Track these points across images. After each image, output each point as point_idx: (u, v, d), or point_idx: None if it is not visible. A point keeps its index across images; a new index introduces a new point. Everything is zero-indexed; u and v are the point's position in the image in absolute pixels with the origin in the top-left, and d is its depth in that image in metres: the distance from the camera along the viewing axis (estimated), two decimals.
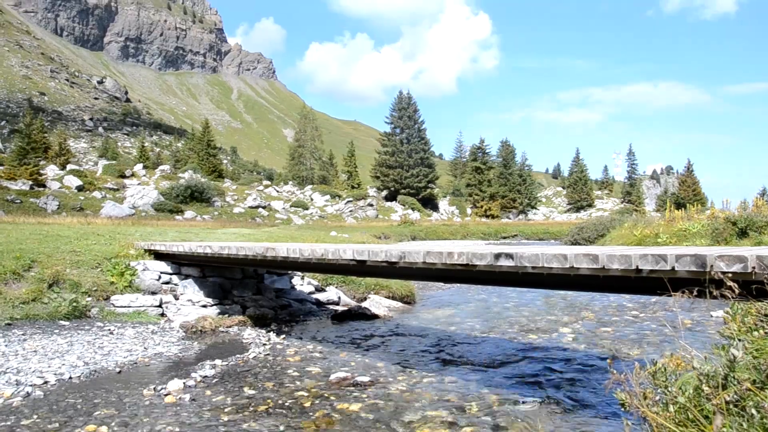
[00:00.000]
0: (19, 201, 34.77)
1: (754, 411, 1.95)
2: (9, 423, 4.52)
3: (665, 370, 2.49)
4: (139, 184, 49.37)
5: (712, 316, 8.91)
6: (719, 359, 2.33)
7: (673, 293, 2.78)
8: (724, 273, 2.91)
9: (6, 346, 6.86)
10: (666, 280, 3.08)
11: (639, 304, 10.66)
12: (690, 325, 8.19)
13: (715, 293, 2.50)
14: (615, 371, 2.46)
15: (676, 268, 3.20)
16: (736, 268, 2.94)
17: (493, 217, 67.44)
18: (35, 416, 4.68)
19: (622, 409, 2.47)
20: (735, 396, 2.06)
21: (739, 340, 2.29)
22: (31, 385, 5.49)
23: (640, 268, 3.36)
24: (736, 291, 2.42)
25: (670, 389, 2.34)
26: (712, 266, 3.03)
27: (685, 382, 2.36)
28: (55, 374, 5.88)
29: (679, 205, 39.26)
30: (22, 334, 7.44)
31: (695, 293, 2.78)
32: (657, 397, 2.36)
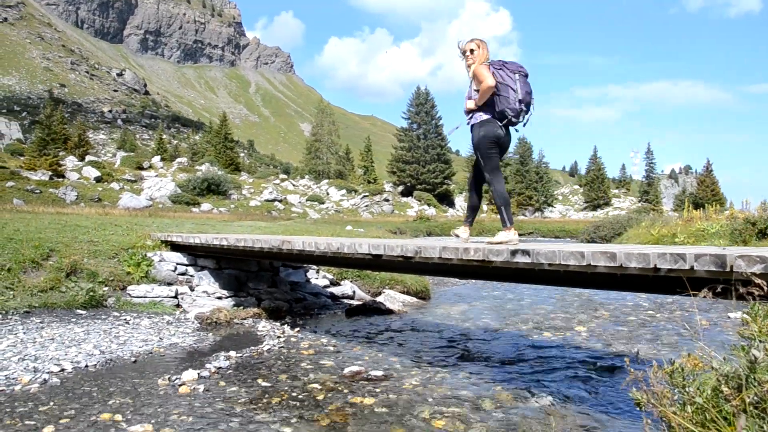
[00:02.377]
0: (38, 191, 35.14)
1: None
2: (27, 409, 4.57)
3: (683, 370, 2.46)
4: (156, 176, 49.71)
5: (729, 317, 8.82)
6: (738, 360, 2.30)
7: (692, 292, 2.74)
8: (746, 273, 2.87)
9: (24, 333, 6.93)
10: (685, 279, 3.04)
11: (655, 303, 10.57)
12: (707, 326, 8.11)
13: (741, 291, 2.46)
14: (632, 370, 2.43)
15: (695, 268, 3.16)
16: (757, 268, 2.90)
17: None
18: (52, 403, 4.73)
19: (638, 408, 2.45)
20: (755, 398, 2.03)
21: (761, 341, 2.25)
22: (48, 373, 5.54)
23: (658, 266, 3.32)
24: (765, 290, 2.38)
25: (687, 389, 2.31)
26: (732, 266, 2.99)
27: (703, 383, 2.33)
28: (71, 362, 5.94)
29: (698, 205, 38.87)
30: (40, 322, 7.52)
31: (719, 291, 2.74)
32: (674, 397, 2.33)
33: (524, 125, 5.36)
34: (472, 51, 5.43)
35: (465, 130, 5.53)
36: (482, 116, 5.31)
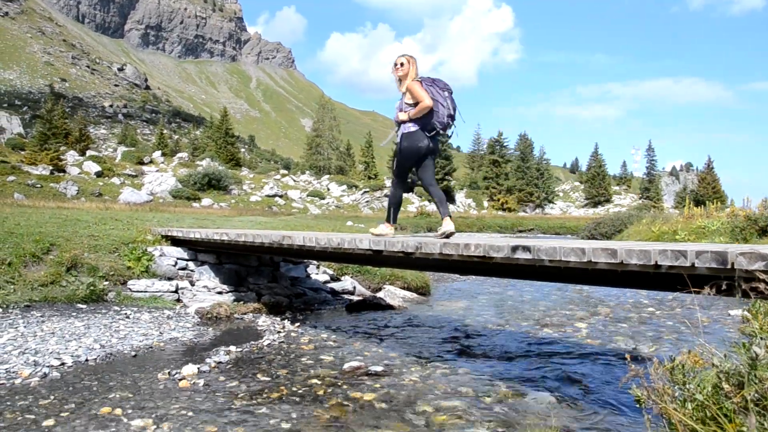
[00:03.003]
0: (39, 186, 35.16)
1: None
2: (27, 403, 4.57)
3: (683, 367, 2.45)
4: (157, 171, 49.73)
5: (730, 314, 8.82)
6: (739, 357, 2.30)
7: (693, 289, 2.74)
8: (747, 270, 2.87)
9: (25, 327, 6.94)
10: (686, 276, 3.03)
11: (656, 300, 10.57)
12: (708, 323, 8.11)
13: (744, 287, 2.46)
14: (632, 366, 2.43)
15: (696, 265, 3.15)
16: (758, 265, 2.89)
17: (509, 210, 67.16)
18: (52, 397, 4.73)
19: (637, 405, 2.45)
20: (756, 395, 2.03)
21: (762, 338, 2.25)
22: (48, 366, 5.55)
23: (659, 263, 3.31)
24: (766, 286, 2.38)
25: (688, 386, 2.31)
26: (733, 263, 2.99)
27: (704, 380, 2.32)
28: (72, 356, 5.95)
29: (699, 203, 38.86)
30: (41, 316, 7.53)
31: (724, 288, 2.74)
32: (675, 394, 2.33)
33: (449, 137, 6.10)
34: (402, 64, 6.01)
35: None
36: (410, 128, 5.85)
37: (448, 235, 5.51)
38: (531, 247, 4.00)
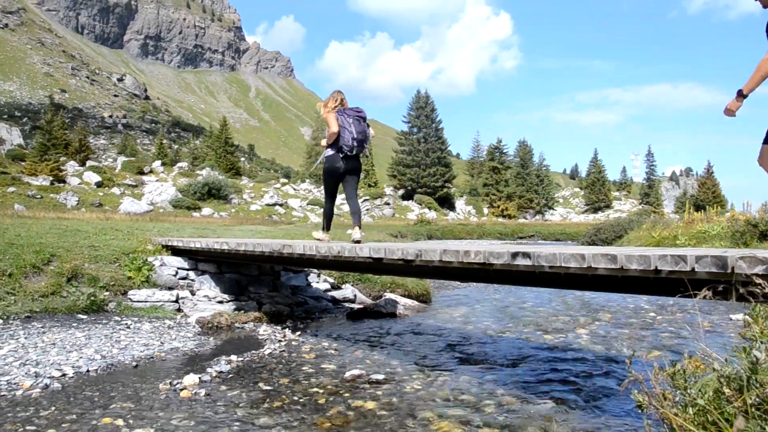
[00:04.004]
0: (39, 196, 35.18)
1: None
2: (28, 414, 4.57)
3: (684, 371, 2.46)
4: (157, 180, 49.76)
5: (731, 319, 8.81)
6: (740, 362, 2.30)
7: (694, 293, 2.74)
8: (747, 274, 2.87)
9: (26, 338, 6.93)
10: (686, 281, 3.04)
11: (657, 305, 10.55)
12: (709, 328, 8.10)
13: (741, 291, 2.46)
14: (633, 371, 2.43)
15: (696, 269, 3.16)
16: (758, 269, 2.90)
17: (509, 217, 67.17)
18: (53, 408, 4.73)
19: (639, 411, 2.45)
20: (757, 399, 2.03)
21: (762, 342, 2.25)
22: (49, 377, 5.54)
23: (659, 268, 3.32)
24: (765, 290, 2.38)
25: (689, 391, 2.31)
26: (733, 267, 2.99)
27: (705, 385, 2.32)
28: (73, 367, 5.94)
29: (699, 207, 38.85)
30: (41, 327, 7.52)
31: (720, 289, 2.74)
32: (676, 399, 2.33)
33: (363, 154, 7.36)
34: (326, 104, 7.41)
35: None
36: (329, 152, 7.24)
37: (357, 241, 6.89)
38: (531, 253, 4.01)
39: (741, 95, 4.15)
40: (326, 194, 7.64)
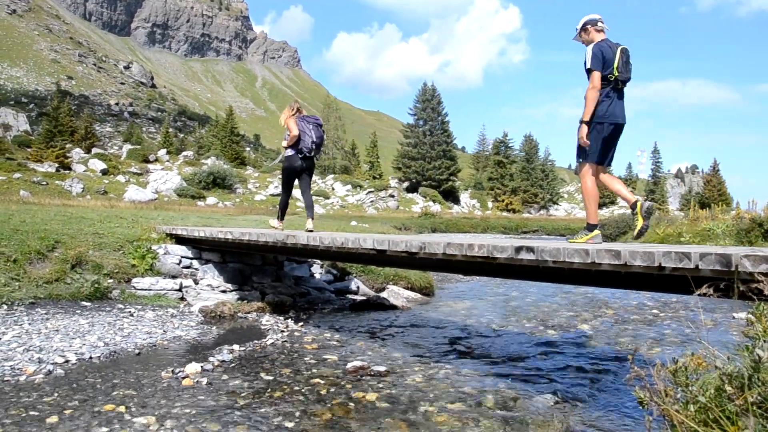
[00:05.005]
0: (45, 183, 35.27)
1: None
2: (31, 399, 4.59)
3: (686, 369, 2.45)
4: (162, 169, 49.81)
5: (734, 317, 8.79)
6: (743, 360, 2.29)
7: (697, 291, 2.73)
8: (750, 272, 2.86)
9: (30, 324, 6.97)
10: (690, 278, 3.03)
11: (660, 302, 10.54)
12: (712, 326, 8.09)
13: (743, 289, 2.45)
14: (635, 367, 2.43)
15: (699, 267, 3.15)
16: (763, 268, 2.89)
17: (514, 211, 67.06)
18: (56, 394, 4.75)
19: (640, 407, 2.44)
20: (759, 397, 2.02)
21: (765, 341, 2.24)
22: (52, 364, 5.57)
23: (663, 265, 3.31)
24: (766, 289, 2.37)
25: (691, 388, 2.31)
26: (737, 266, 2.98)
27: (707, 382, 2.32)
28: (76, 353, 5.97)
29: (704, 205, 38.74)
30: (45, 313, 7.55)
31: (722, 287, 2.73)
32: (678, 396, 2.33)
33: (317, 155, 8.68)
34: (286, 113, 8.68)
35: None
36: (289, 152, 8.49)
37: (310, 230, 7.89)
38: (535, 247, 4.00)
39: (583, 122, 4.95)
40: (283, 188, 8.92)
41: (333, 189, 61.75)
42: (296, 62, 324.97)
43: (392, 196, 60.20)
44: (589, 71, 5.09)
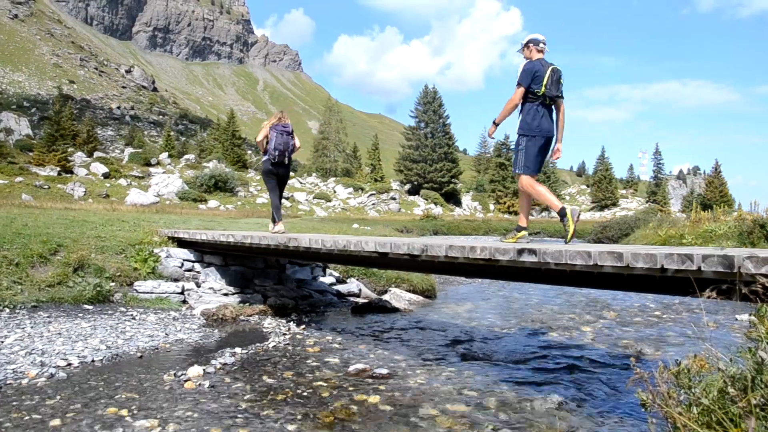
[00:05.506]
0: (47, 187, 35.33)
1: None
2: (33, 402, 4.59)
3: (689, 371, 2.45)
4: (164, 172, 49.86)
5: (737, 319, 8.78)
6: (745, 362, 2.29)
7: (699, 293, 2.73)
8: (753, 274, 2.86)
9: (32, 327, 6.97)
10: (693, 280, 3.02)
11: (662, 304, 10.53)
12: (714, 328, 8.07)
13: (744, 291, 2.45)
14: (638, 369, 2.42)
15: (702, 269, 3.14)
16: (765, 269, 2.88)
17: (516, 213, 67.02)
18: (58, 397, 4.75)
19: (643, 409, 2.44)
20: (762, 399, 2.02)
21: (767, 343, 2.24)
22: (55, 367, 5.57)
23: (665, 267, 3.31)
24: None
25: (693, 390, 2.30)
26: (739, 267, 2.98)
27: (710, 384, 2.32)
28: (78, 357, 5.97)
29: (706, 206, 38.64)
30: (47, 317, 7.56)
31: (724, 288, 2.73)
32: (680, 398, 2.32)
33: (287, 161, 9.31)
34: (269, 121, 9.37)
35: None
36: (264, 157, 9.35)
37: (276, 231, 8.90)
38: (537, 250, 4.00)
39: (494, 123, 5.31)
40: (269, 191, 9.63)
41: (335, 192, 61.77)
42: (297, 65, 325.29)
43: (394, 199, 60.22)
44: (517, 84, 5.71)
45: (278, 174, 9.27)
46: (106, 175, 43.48)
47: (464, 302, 11.13)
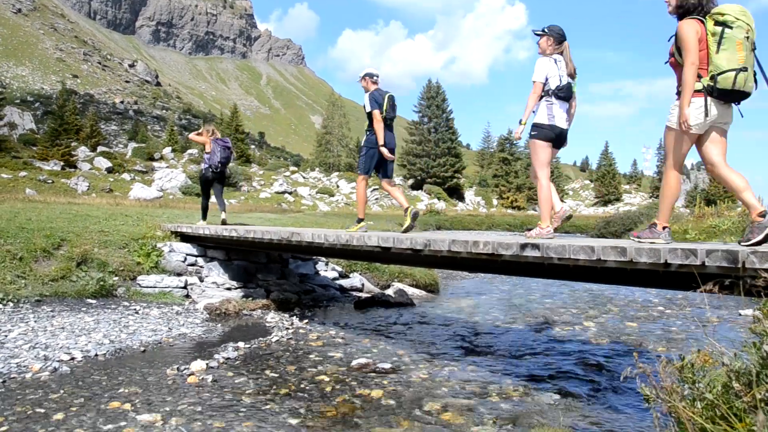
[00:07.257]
0: (50, 181, 35.36)
1: None
2: (37, 396, 4.61)
3: (693, 365, 2.44)
4: (167, 167, 49.87)
5: (740, 314, 8.76)
6: (750, 357, 2.28)
7: (703, 287, 2.72)
8: (757, 269, 2.85)
9: (35, 321, 6.99)
10: (697, 275, 3.01)
11: (665, 299, 10.51)
12: (718, 323, 8.06)
13: (749, 285, 2.44)
14: (641, 364, 2.41)
15: (706, 264, 3.13)
16: None
17: (519, 208, 66.92)
18: (62, 391, 4.76)
19: (646, 404, 2.43)
20: (767, 394, 2.01)
21: None
22: (58, 361, 5.58)
23: (669, 262, 3.30)
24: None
25: (698, 385, 2.29)
26: (744, 262, 2.96)
27: (714, 379, 2.31)
28: (81, 351, 5.98)
29: (709, 202, 38.53)
30: (51, 311, 7.57)
31: (727, 283, 2.72)
32: (684, 393, 2.31)
33: (224, 170, 10.63)
34: (206, 132, 10.50)
35: None
36: (203, 166, 10.59)
37: (224, 221, 10.37)
38: (540, 244, 3.99)
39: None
40: (202, 193, 11.19)
41: (338, 186, 61.76)
42: (301, 60, 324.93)
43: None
44: (369, 113, 7.15)
45: (215, 178, 10.53)
46: (109, 170, 43.50)
47: (467, 297, 11.13)
